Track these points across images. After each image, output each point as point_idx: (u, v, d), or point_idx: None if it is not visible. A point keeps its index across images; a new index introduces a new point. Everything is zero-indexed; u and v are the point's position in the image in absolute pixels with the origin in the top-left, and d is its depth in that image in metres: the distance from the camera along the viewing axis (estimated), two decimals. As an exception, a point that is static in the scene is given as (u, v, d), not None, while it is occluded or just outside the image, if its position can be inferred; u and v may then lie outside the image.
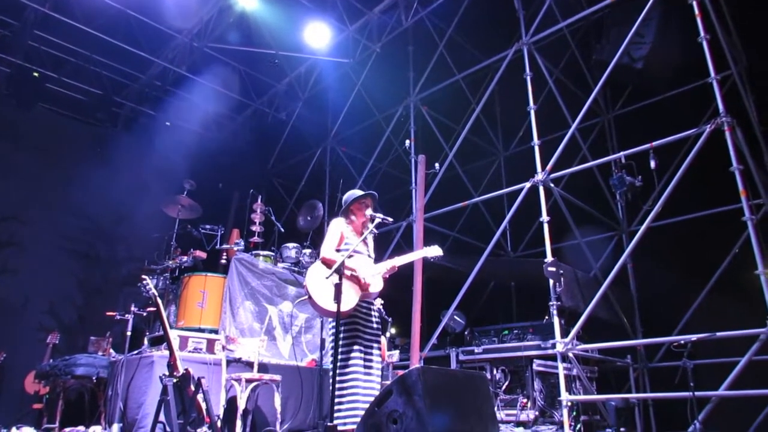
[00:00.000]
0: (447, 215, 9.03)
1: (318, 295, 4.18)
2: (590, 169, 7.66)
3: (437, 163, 7.89)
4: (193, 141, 10.42)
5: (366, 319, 4.35)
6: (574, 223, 7.86)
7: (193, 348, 6.24)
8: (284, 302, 7.48)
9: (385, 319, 6.49)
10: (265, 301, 7.34)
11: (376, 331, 4.39)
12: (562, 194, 7.66)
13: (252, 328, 7.08)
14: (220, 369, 5.86)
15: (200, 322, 6.86)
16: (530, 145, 7.57)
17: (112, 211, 9.35)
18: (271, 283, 7.47)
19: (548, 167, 7.28)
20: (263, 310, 7.27)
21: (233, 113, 11.50)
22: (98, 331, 7.44)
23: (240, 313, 7.05)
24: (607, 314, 7.80)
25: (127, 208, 9.27)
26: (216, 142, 10.96)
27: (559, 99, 8.25)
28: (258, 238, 8.24)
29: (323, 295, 4.15)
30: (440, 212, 8.82)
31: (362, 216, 4.60)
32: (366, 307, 4.39)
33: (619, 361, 8.01)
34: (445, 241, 10.19)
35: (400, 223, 9.30)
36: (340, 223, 4.56)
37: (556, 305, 6.68)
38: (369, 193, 4.65)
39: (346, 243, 4.45)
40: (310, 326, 7.62)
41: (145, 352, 6.14)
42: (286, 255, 8.03)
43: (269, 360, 6.74)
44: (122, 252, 9.66)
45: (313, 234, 8.66)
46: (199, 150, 10.08)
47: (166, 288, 7.26)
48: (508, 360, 7.17)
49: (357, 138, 11.03)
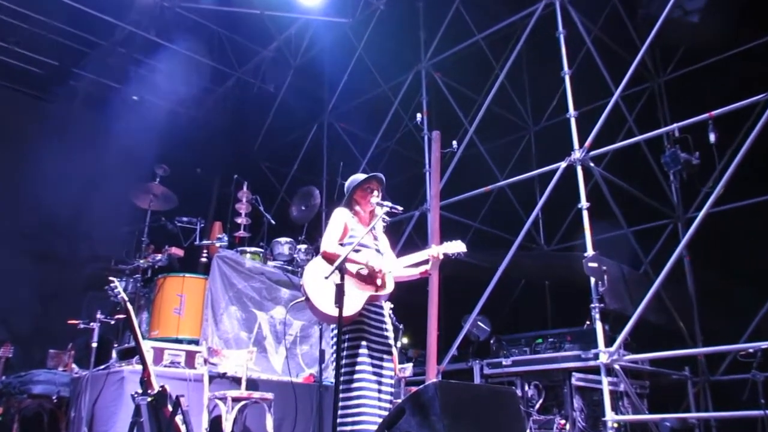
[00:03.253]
0: (467, 202, 9.03)
1: (317, 297, 4.17)
2: (637, 144, 7.64)
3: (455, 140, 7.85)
4: (165, 119, 10.42)
5: (375, 325, 4.34)
6: (619, 210, 7.83)
7: (169, 362, 6.26)
8: (276, 307, 7.50)
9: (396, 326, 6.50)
10: (253, 306, 7.36)
11: (387, 340, 4.38)
12: (604, 175, 7.63)
13: (238, 337, 7.09)
14: (201, 386, 5.89)
15: (178, 332, 6.88)
16: (565, 118, 7.54)
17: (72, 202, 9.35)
18: (260, 285, 7.48)
19: (587, 143, 7.25)
20: (251, 317, 7.29)
21: (212, 85, 11.50)
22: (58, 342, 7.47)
23: (224, 320, 7.08)
24: (659, 318, 7.78)
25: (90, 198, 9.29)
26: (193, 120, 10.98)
27: (599, 62, 8.20)
28: (244, 232, 8.26)
29: (323, 298, 4.13)
30: (459, 199, 8.82)
31: (367, 204, 4.59)
32: (375, 311, 4.37)
33: (675, 373, 7.99)
34: (466, 232, 10.19)
35: (411, 213, 9.31)
36: (342, 213, 4.55)
37: (598, 308, 6.66)
38: (373, 175, 4.63)
39: (351, 236, 4.44)
40: (307, 335, 7.63)
41: (114, 366, 6.17)
42: (278, 252, 8.05)
43: (259, 375, 6.76)
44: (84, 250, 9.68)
45: (309, 226, 8.67)
46: (173, 129, 10.09)
47: (137, 292, 7.29)
48: (542, 374, 7.17)
49: (359, 112, 11.03)
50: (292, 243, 8.13)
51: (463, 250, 4.54)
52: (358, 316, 4.23)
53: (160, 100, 10.88)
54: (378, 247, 4.53)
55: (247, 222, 8.30)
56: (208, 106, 11.58)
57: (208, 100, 11.62)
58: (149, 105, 10.76)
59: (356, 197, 4.62)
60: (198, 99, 11.54)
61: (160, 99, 10.88)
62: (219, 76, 11.33)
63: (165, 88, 10.73)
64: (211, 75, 11.15)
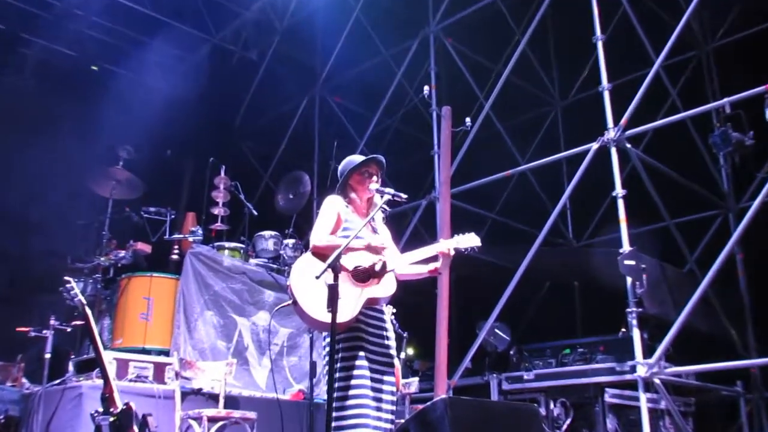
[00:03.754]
0: (484, 190, 9.03)
1: (306, 300, 4.15)
2: (682, 122, 7.61)
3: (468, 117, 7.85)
4: (129, 92, 10.40)
5: (375, 333, 4.33)
6: (660, 199, 7.82)
7: (135, 375, 6.28)
8: (259, 312, 7.52)
9: (400, 333, 6.52)
10: (232, 310, 7.37)
11: (388, 350, 4.38)
12: (642, 158, 7.62)
13: (215, 347, 7.11)
14: (172, 404, 5.89)
15: (145, 341, 6.89)
16: (597, 91, 7.53)
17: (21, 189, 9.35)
18: (240, 287, 7.50)
19: (623, 121, 7.24)
20: (231, 323, 7.31)
21: (184, 53, 11.46)
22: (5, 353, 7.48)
23: (199, 327, 7.09)
24: (707, 325, 7.78)
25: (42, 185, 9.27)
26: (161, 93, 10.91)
27: (637, 25, 8.17)
28: (222, 224, 8.28)
29: (314, 301, 4.12)
30: (474, 186, 8.82)
31: (365, 191, 4.58)
32: (375, 317, 4.36)
33: (726, 389, 8.00)
34: (482, 225, 10.20)
35: (418, 202, 9.32)
36: (335, 201, 4.53)
37: (636, 313, 6.66)
38: (372, 157, 4.61)
39: (346, 229, 4.44)
40: (295, 345, 7.64)
41: (71, 381, 6.18)
42: (261, 247, 8.06)
43: (240, 391, 6.78)
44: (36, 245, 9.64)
45: (298, 218, 8.67)
46: (139, 104, 10.05)
47: (97, 294, 7.30)
48: (570, 389, 7.18)
49: (356, 85, 11.01)
50: (277, 237, 8.13)
51: (477, 244, 4.51)
52: (354, 321, 4.21)
53: (123, 70, 10.86)
54: (381, 242, 4.53)
55: (226, 213, 8.31)
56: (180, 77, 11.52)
57: (180, 71, 11.57)
58: (111, 76, 10.74)
59: (352, 183, 4.59)
60: (168, 69, 11.49)
61: (123, 69, 10.86)
62: (193, 42, 11.29)
63: (129, 56, 10.71)
64: (184, 41, 11.11)
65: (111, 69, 10.80)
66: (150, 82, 11.17)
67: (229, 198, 8.32)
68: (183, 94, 11.16)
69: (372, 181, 4.56)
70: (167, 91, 11.09)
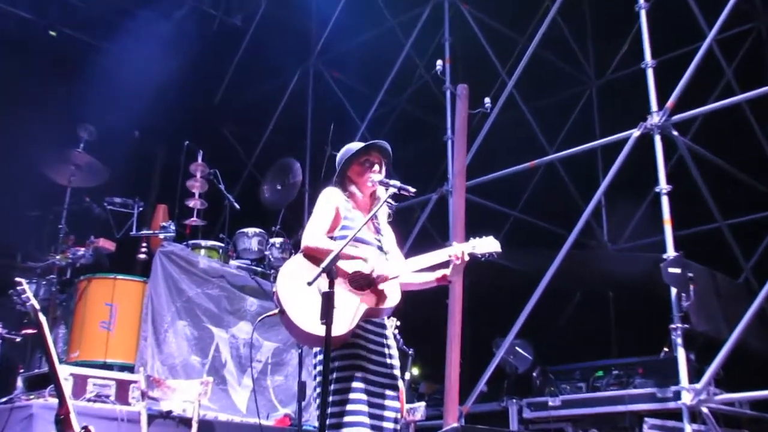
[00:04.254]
0: (504, 184, 9.04)
1: (296, 309, 4.15)
2: (737, 106, 7.60)
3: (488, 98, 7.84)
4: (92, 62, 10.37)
5: (376, 350, 4.32)
6: (711, 196, 7.81)
7: (95, 394, 6.26)
8: (240, 323, 7.51)
9: (404, 351, 6.50)
10: (209, 320, 7.37)
11: (390, 370, 4.38)
12: (691, 148, 7.62)
13: (188, 363, 7.10)
14: (137, 428, 5.89)
15: (106, 354, 6.87)
16: (639, 69, 7.53)
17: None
18: (218, 293, 7.50)
19: (669, 104, 7.23)
20: (206, 335, 7.31)
21: (156, 16, 11.43)
22: (-56, 366, 7.50)
23: (169, 339, 7.08)
24: (764, 344, 7.76)
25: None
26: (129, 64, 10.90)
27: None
28: (198, 219, 8.29)
29: (305, 311, 4.11)
30: (493, 178, 8.83)
31: (366, 183, 4.57)
32: (375, 331, 4.36)
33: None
34: (502, 225, 10.21)
35: (427, 196, 9.34)
36: (333, 195, 4.53)
37: (681, 330, 6.65)
38: (374, 144, 4.61)
39: (344, 228, 4.43)
40: (281, 362, 7.65)
41: (20, 399, 6.17)
42: (244, 247, 8.07)
43: (216, 415, 6.77)
44: (-20, 241, 9.70)
45: (287, 213, 8.67)
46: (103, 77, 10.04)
47: (51, 298, 7.28)
48: (602, 418, 7.19)
49: (357, 58, 11.02)
50: (262, 235, 8.12)
51: (497, 249, 4.49)
52: (351, 336, 4.21)
53: (85, 37, 10.83)
54: (381, 242, 4.53)
55: (203, 206, 8.31)
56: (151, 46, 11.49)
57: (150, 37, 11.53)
58: (71, 43, 10.71)
59: (351, 174, 4.58)
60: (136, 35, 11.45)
61: (85, 36, 10.83)
62: (167, 5, 11.27)
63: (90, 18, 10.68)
64: (157, 3, 11.09)
65: (71, 35, 10.77)
66: (116, 51, 11.12)
67: (206, 188, 8.32)
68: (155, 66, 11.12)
69: (374, 171, 4.55)
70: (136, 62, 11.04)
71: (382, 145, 4.63)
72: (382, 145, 4.63)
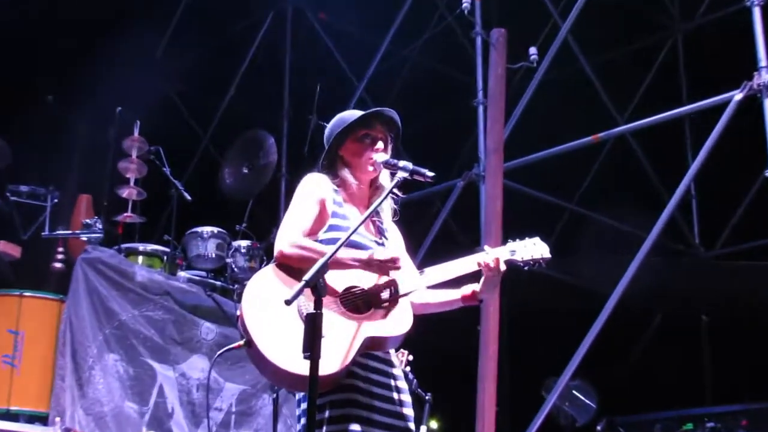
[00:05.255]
0: (557, 165, 9.09)
1: (269, 340, 4.11)
2: None
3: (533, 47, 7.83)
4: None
5: (380, 395, 4.29)
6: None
7: (-7, 455, 6.28)
8: (192, 357, 7.58)
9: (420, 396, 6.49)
10: (149, 354, 7.42)
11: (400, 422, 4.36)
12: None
13: (122, 412, 7.14)
14: (51, 504, 5.90)
15: (9, 400, 6.90)
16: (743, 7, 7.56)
17: None
18: (162, 315, 7.56)
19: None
20: (146, 374, 7.35)
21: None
22: None
23: (96, 379, 7.13)
24: None
25: None
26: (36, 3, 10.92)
27: None
28: (134, 215, 8.32)
29: (281, 341, 4.07)
30: (541, 157, 8.87)
31: (365, 166, 4.54)
32: (379, 369, 4.33)
33: None
34: (553, 221, 10.20)
35: (450, 183, 9.38)
36: (319, 183, 4.49)
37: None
38: (376, 112, 4.59)
39: (334, 227, 4.40)
40: (249, 411, 7.70)
41: None
42: (197, 253, 8.12)
43: (160, 486, 6.80)
44: None
45: (257, 206, 8.67)
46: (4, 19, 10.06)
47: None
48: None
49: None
50: (223, 237, 8.17)
51: (546, 255, 4.48)
52: (346, 376, 4.19)
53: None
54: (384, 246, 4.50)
55: (140, 196, 8.35)
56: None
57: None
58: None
59: (345, 154, 4.56)
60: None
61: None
62: None
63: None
64: None
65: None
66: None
67: (145, 172, 8.36)
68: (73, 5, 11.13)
69: (377, 150, 4.52)
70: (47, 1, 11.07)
71: (388, 114, 4.60)
72: (388, 114, 4.60)
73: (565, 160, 9.07)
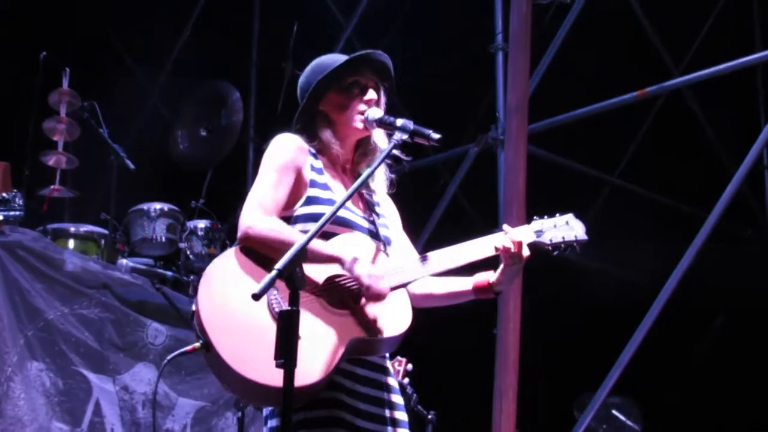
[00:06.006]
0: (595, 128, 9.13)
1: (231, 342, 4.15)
2: None
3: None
4: None
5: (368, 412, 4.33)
6: None
7: None
8: (136, 365, 7.61)
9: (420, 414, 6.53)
10: (83, 362, 7.46)
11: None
12: None
13: (46, 431, 7.14)
14: None
15: None
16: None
17: None
18: (99, 314, 7.59)
19: None
20: (79, 388, 7.39)
21: None
22: None
23: (15, 393, 7.15)
24: None
25: None
26: None
27: None
28: (64, 188, 8.37)
29: (247, 344, 4.12)
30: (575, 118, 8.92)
31: (352, 123, 4.56)
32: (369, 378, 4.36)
33: None
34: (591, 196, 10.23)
35: (465, 148, 9.41)
36: (293, 146, 4.52)
37: None
38: (365, 55, 4.61)
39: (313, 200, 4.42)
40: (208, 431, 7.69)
41: None
42: (143, 235, 8.18)
43: None
44: None
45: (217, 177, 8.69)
46: None
47: None
48: None
49: None
50: (175, 216, 8.20)
51: (582, 238, 4.52)
52: (326, 387, 4.23)
53: None
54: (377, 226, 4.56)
55: (72, 165, 8.37)
56: None
57: None
58: None
59: (326, 108, 4.60)
60: None
61: None
62: None
63: None
64: None
65: None
66: None
67: (78, 135, 8.39)
68: None
69: (368, 101, 4.55)
70: None
71: (380, 58, 4.61)
72: (380, 59, 4.61)
73: (605, 123, 9.08)
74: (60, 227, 7.89)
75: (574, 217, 4.52)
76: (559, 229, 4.51)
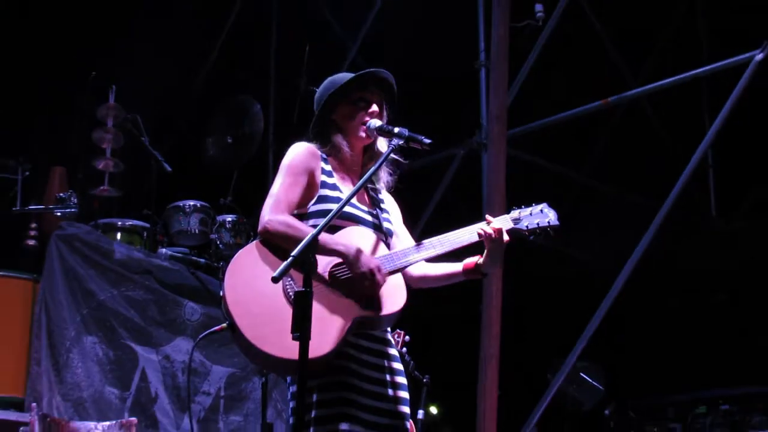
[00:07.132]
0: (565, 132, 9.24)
1: (253, 321, 4.17)
2: None
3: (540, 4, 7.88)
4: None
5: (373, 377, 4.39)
6: None
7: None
8: (176, 339, 7.70)
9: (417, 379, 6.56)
10: (130, 336, 7.55)
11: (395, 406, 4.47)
12: None
13: (102, 397, 7.27)
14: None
15: (-21, 385, 7.08)
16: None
17: None
18: (143, 295, 7.69)
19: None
20: (127, 358, 7.48)
21: None
22: None
23: (74, 363, 7.24)
24: None
25: None
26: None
27: None
28: (112, 188, 8.43)
29: (267, 323, 4.14)
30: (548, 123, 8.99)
31: (358, 132, 4.64)
32: (372, 349, 4.38)
33: None
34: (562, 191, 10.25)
35: (452, 152, 9.48)
36: (307, 152, 4.59)
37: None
38: (369, 73, 4.63)
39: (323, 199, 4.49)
40: (239, 395, 7.83)
41: None
42: (180, 228, 8.26)
43: (142, 477, 6.94)
44: None
45: (242, 179, 8.74)
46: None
47: None
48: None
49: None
50: (207, 211, 8.28)
51: (553, 224, 4.59)
52: (337, 358, 4.33)
53: None
54: (379, 219, 4.64)
55: (118, 168, 8.42)
56: None
57: None
58: None
59: (336, 119, 4.64)
60: None
61: None
62: None
63: None
64: None
65: None
66: None
67: (123, 143, 8.41)
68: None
69: (371, 113, 4.59)
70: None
71: (383, 75, 4.65)
72: (381, 75, 4.64)
73: (574, 128, 9.13)
74: (109, 222, 7.93)
75: (548, 206, 4.56)
76: (535, 216, 4.52)
